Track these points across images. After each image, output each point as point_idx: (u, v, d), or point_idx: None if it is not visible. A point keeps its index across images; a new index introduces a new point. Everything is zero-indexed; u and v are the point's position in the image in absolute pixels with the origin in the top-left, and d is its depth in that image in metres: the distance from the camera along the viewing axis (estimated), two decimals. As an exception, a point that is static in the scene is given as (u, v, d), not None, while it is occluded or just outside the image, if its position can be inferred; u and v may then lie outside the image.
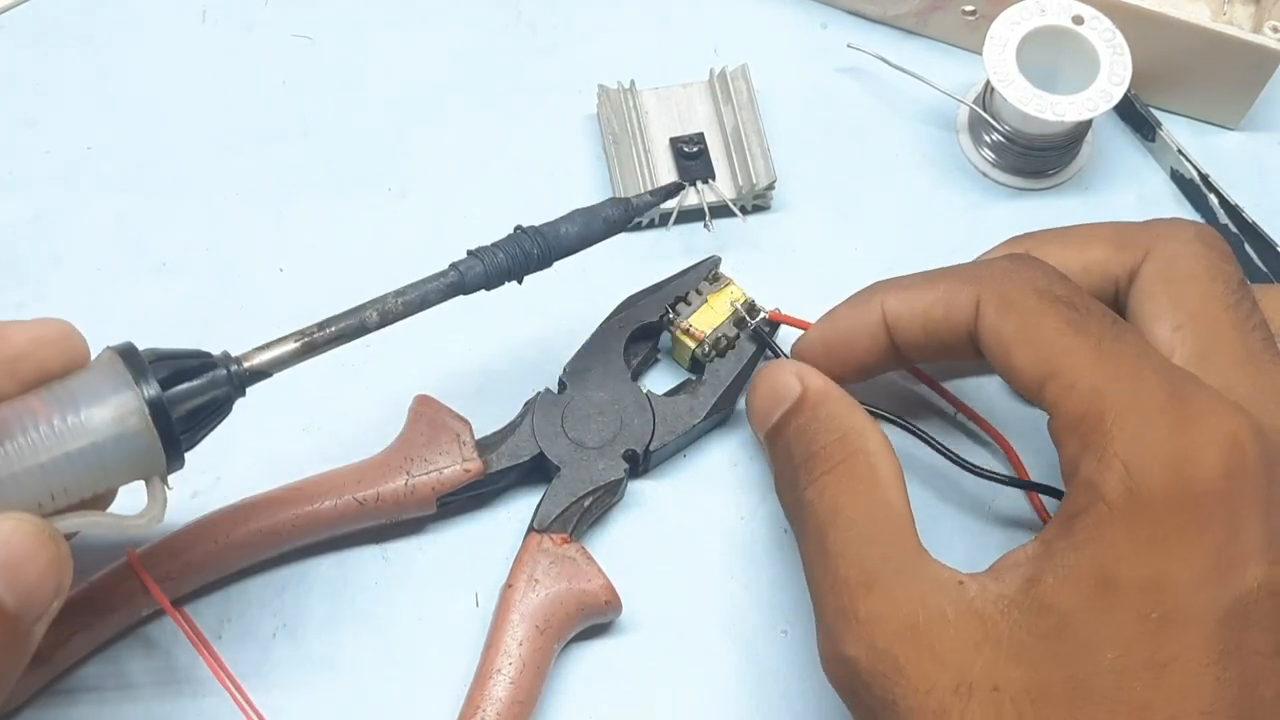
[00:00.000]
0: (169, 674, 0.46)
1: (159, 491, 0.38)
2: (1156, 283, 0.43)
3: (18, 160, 0.55)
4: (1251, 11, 0.57)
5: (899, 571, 0.39)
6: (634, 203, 0.46)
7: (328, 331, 0.42)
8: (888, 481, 0.42)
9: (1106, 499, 0.37)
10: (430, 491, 0.47)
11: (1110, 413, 0.38)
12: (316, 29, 0.58)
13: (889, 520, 0.41)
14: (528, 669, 0.44)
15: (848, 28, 0.59)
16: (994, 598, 0.38)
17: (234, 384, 0.40)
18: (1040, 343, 0.40)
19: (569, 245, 0.45)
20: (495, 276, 0.43)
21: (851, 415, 0.44)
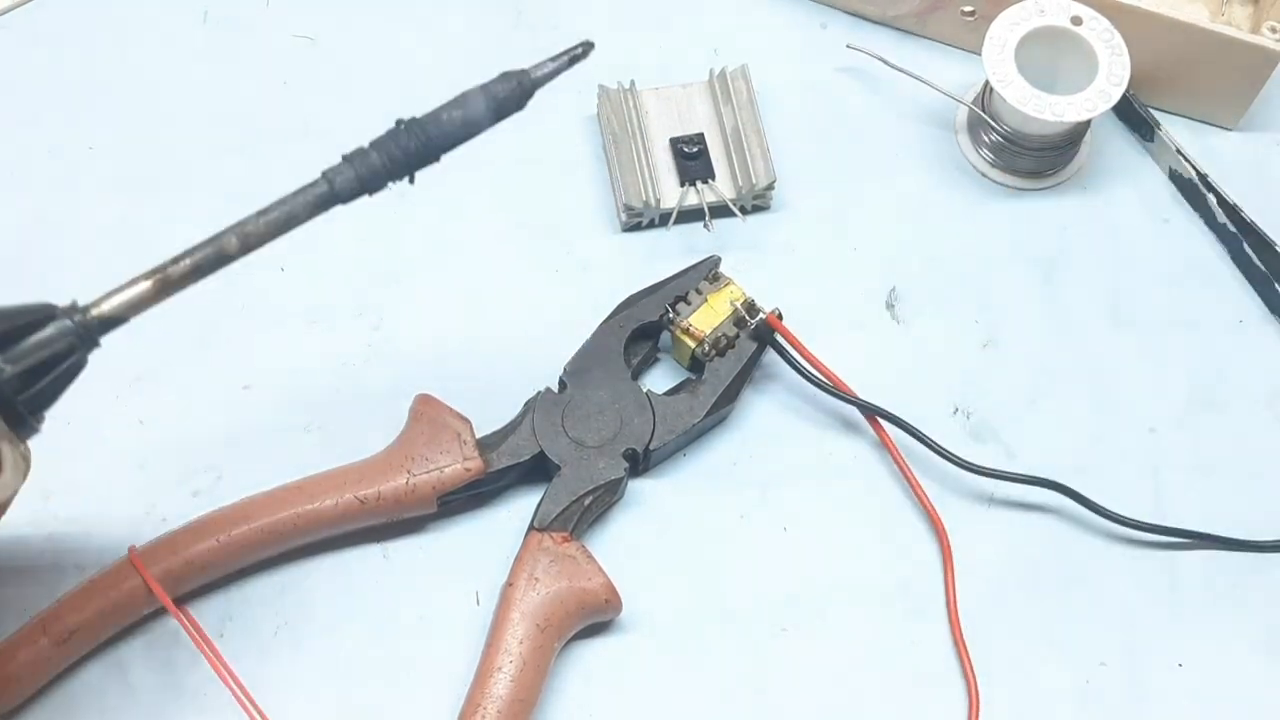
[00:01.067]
0: (170, 672, 0.46)
1: (8, 457, 0.36)
2: None
3: (18, 160, 0.55)
4: (1250, 12, 0.57)
5: None
6: (530, 74, 0.39)
7: (184, 265, 0.38)
8: None
9: None
10: (431, 490, 0.47)
11: None
12: (317, 29, 0.58)
13: None
14: (528, 667, 0.44)
15: (848, 28, 0.59)
16: None
17: (79, 334, 0.37)
18: None
19: (454, 133, 0.39)
20: (371, 180, 0.38)
21: None
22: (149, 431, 0.50)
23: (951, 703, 0.47)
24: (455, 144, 0.39)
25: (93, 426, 0.50)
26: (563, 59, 0.40)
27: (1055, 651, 0.48)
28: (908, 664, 0.48)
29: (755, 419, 0.51)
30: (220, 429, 0.50)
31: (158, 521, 0.48)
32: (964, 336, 0.53)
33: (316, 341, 0.52)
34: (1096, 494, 0.50)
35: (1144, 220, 0.56)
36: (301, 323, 0.53)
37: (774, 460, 0.51)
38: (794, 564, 0.49)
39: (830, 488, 0.50)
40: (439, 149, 0.39)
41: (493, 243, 0.54)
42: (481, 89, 0.39)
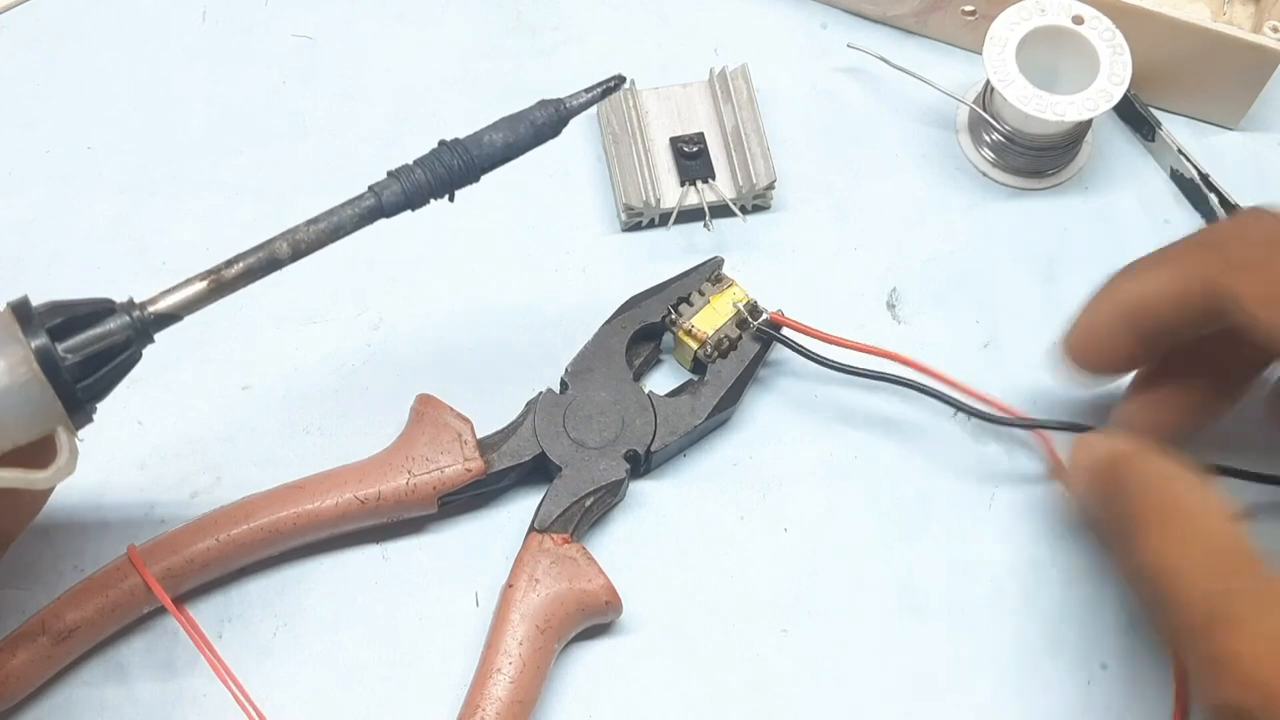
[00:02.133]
0: (169, 672, 0.46)
1: (65, 443, 0.38)
2: None
3: (18, 160, 0.55)
4: (1251, 11, 0.57)
5: (1247, 600, 0.38)
6: (566, 103, 0.42)
7: (236, 268, 0.39)
8: (1214, 517, 0.40)
9: None
10: (432, 490, 0.47)
11: None
12: (316, 29, 0.58)
13: (1227, 555, 0.39)
14: (528, 669, 0.44)
15: (848, 28, 0.59)
16: None
17: (137, 328, 0.38)
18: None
19: (495, 155, 0.41)
20: (416, 196, 0.41)
21: (1163, 467, 0.42)
22: (148, 431, 0.50)
23: (952, 703, 0.47)
24: (495, 165, 0.42)
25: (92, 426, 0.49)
26: (597, 90, 0.43)
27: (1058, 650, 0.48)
28: (908, 664, 0.48)
29: (756, 420, 0.51)
30: (220, 429, 0.50)
31: (157, 522, 0.48)
32: (965, 336, 0.53)
33: (316, 341, 0.52)
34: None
35: (1145, 220, 0.56)
36: (301, 323, 0.53)
37: (774, 461, 0.51)
38: (794, 564, 0.49)
39: (831, 488, 0.50)
40: (480, 169, 0.41)
41: (493, 243, 0.54)
42: (521, 115, 0.42)
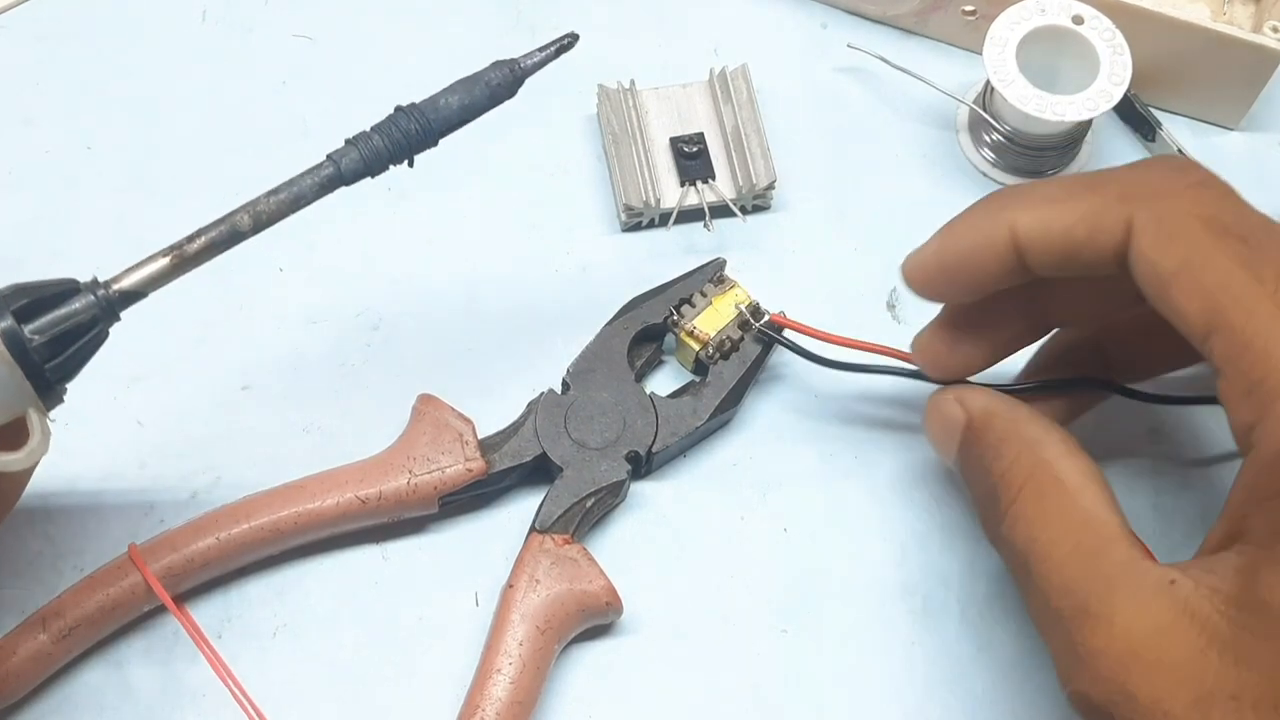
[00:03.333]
0: (169, 671, 0.46)
1: (37, 424, 0.38)
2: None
3: (18, 160, 0.55)
4: (1251, 11, 0.57)
5: (1110, 591, 0.36)
6: (521, 63, 0.42)
7: (199, 242, 0.40)
8: (1078, 489, 0.39)
9: None
10: (433, 490, 0.47)
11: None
12: (316, 29, 0.58)
13: (1089, 534, 0.38)
14: (528, 669, 0.44)
15: (848, 28, 0.59)
16: (1209, 594, 0.35)
17: (103, 307, 0.39)
18: (1207, 286, 0.35)
19: (452, 117, 0.41)
20: (375, 162, 0.41)
21: (1021, 428, 0.41)
22: (148, 432, 0.50)
23: (953, 703, 0.47)
24: (452, 128, 0.42)
25: (92, 427, 0.50)
26: (550, 49, 0.43)
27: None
28: (909, 665, 0.48)
29: (757, 421, 0.51)
30: (220, 429, 0.50)
31: (156, 522, 0.48)
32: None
33: (316, 341, 0.52)
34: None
35: (1145, 220, 0.56)
36: (301, 323, 0.53)
37: (775, 461, 0.51)
38: (794, 564, 0.49)
39: (831, 489, 0.50)
40: (437, 133, 0.41)
41: (492, 242, 0.54)
42: (476, 76, 0.42)
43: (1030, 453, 0.40)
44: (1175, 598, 0.35)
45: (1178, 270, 0.36)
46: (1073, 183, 0.40)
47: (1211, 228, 0.36)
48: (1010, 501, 0.39)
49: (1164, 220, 0.37)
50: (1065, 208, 0.39)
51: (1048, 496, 0.39)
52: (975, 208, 0.42)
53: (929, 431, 0.45)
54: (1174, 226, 0.36)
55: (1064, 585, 0.37)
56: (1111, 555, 0.37)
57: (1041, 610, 0.38)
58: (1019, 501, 0.39)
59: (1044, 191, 0.40)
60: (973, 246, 0.41)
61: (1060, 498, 0.39)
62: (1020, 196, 0.41)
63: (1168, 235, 0.36)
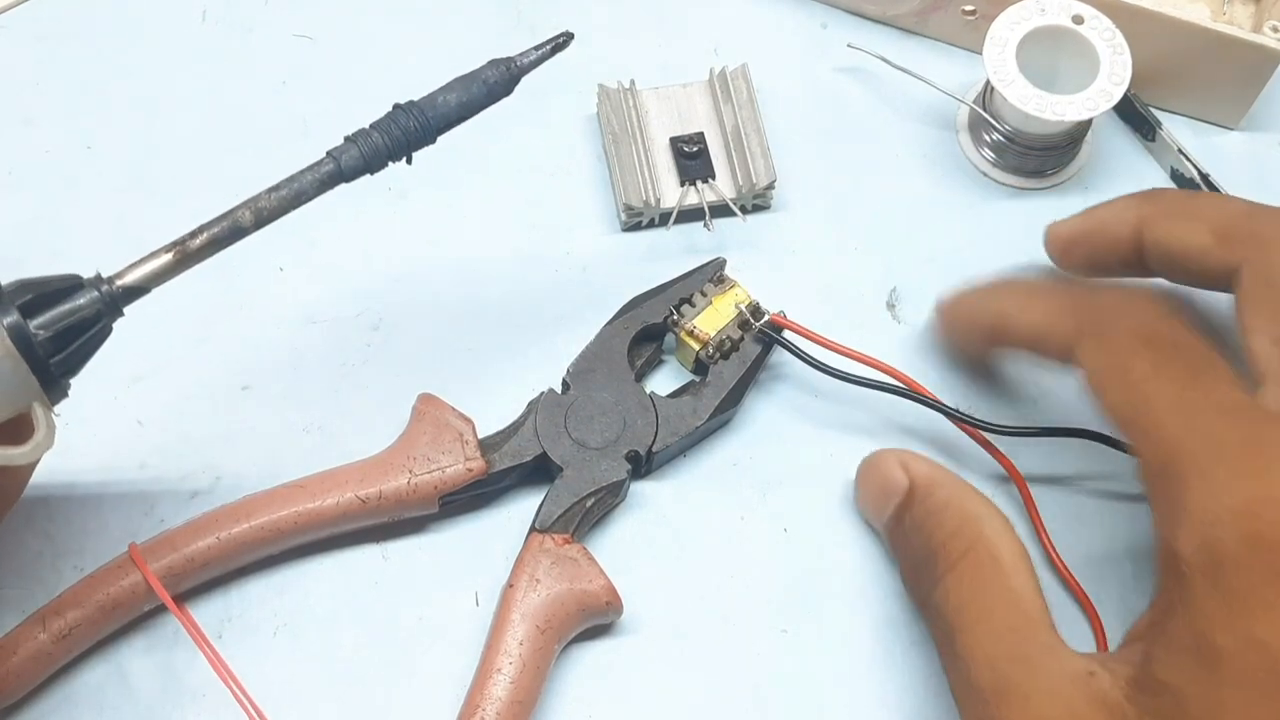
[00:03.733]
0: (169, 671, 0.46)
1: (42, 419, 0.38)
2: (1259, 288, 0.41)
3: (18, 160, 0.55)
4: (1251, 11, 0.57)
5: (1032, 674, 0.38)
6: (517, 61, 0.43)
7: (201, 238, 0.40)
8: (1012, 568, 0.40)
9: (1187, 561, 0.35)
10: (433, 490, 0.47)
11: (1182, 466, 0.36)
12: (316, 29, 0.58)
13: (1017, 615, 0.39)
14: (528, 669, 0.44)
15: (848, 28, 0.59)
16: (1121, 682, 0.36)
17: (106, 302, 0.39)
18: (1127, 386, 0.39)
19: (450, 115, 0.42)
20: (374, 159, 0.42)
21: (965, 501, 0.42)
22: (148, 432, 0.50)
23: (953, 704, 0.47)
24: (450, 126, 0.43)
25: (92, 426, 0.50)
26: (546, 48, 0.44)
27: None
28: (909, 665, 0.48)
29: (756, 420, 0.51)
30: (219, 429, 0.50)
31: (156, 522, 0.48)
32: (965, 337, 0.53)
33: (316, 341, 0.52)
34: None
35: (1145, 220, 0.56)
36: (301, 323, 0.53)
37: (775, 461, 0.51)
38: (794, 564, 0.49)
39: (832, 489, 0.50)
40: (435, 130, 0.42)
41: (493, 242, 0.54)
42: (473, 75, 0.43)
43: (972, 526, 0.42)
44: (1091, 688, 0.37)
45: (1106, 372, 0.41)
46: (1046, 287, 0.47)
47: (1137, 337, 0.40)
48: (947, 569, 0.41)
49: (1103, 331, 0.41)
50: (1031, 305, 0.45)
51: (983, 571, 0.40)
52: (979, 289, 0.49)
53: (861, 488, 0.47)
54: (1109, 337, 0.41)
55: (987, 660, 0.39)
56: (1036, 638, 0.39)
57: (961, 683, 0.39)
58: (955, 571, 0.41)
59: (1023, 286, 0.48)
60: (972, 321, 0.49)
61: (995, 574, 0.40)
62: (1004, 287, 0.48)
63: (1102, 344, 0.41)
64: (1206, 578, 0.35)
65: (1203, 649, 0.35)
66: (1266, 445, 0.36)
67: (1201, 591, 0.35)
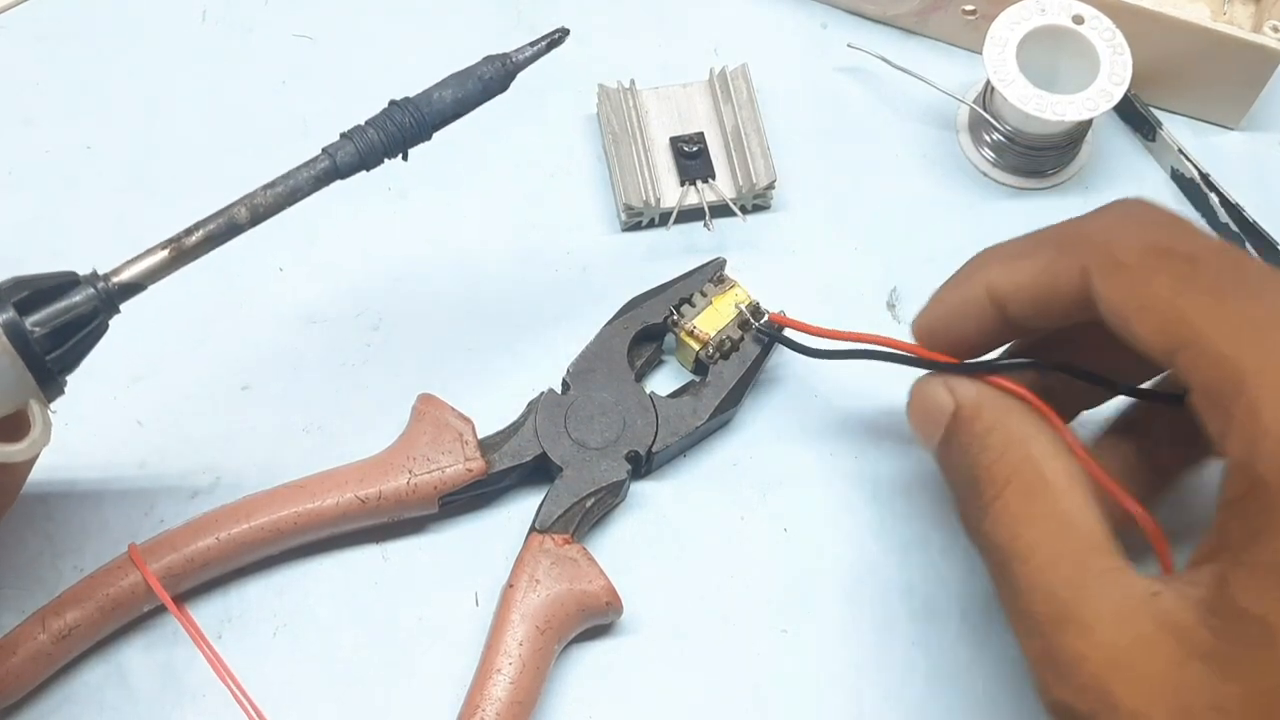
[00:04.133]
0: (169, 671, 0.46)
1: (39, 415, 0.38)
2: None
3: (18, 160, 0.55)
4: (1251, 11, 0.57)
5: (1093, 599, 0.36)
6: (512, 58, 0.43)
7: (197, 235, 0.40)
8: (1062, 490, 0.38)
9: (1267, 482, 0.33)
10: (432, 490, 0.47)
11: (1249, 380, 0.34)
12: (316, 29, 0.58)
13: (1070, 536, 0.37)
14: (528, 669, 0.44)
15: (848, 28, 0.59)
16: (1192, 605, 0.35)
17: (103, 299, 0.39)
18: (1158, 308, 0.36)
19: (445, 111, 0.42)
20: (370, 155, 0.41)
21: (1010, 422, 0.40)
22: (148, 432, 0.50)
23: (953, 704, 0.47)
24: (446, 122, 0.43)
25: (92, 426, 0.50)
26: (541, 44, 0.44)
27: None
28: (909, 666, 0.48)
29: (757, 420, 0.51)
30: (219, 429, 0.50)
31: (156, 522, 0.48)
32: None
33: (316, 341, 0.52)
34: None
35: (1145, 220, 0.56)
36: (301, 323, 0.53)
37: (775, 461, 0.51)
38: (794, 564, 0.49)
39: (831, 489, 0.50)
40: (431, 126, 0.42)
41: (493, 242, 0.54)
42: (469, 71, 0.43)
43: (1018, 448, 0.40)
44: (1158, 609, 0.35)
45: (1129, 300, 0.37)
46: (1038, 236, 0.41)
47: (1152, 253, 0.37)
48: (994, 497, 0.39)
49: (1112, 257, 0.38)
50: (1029, 262, 0.41)
51: (1033, 495, 0.39)
52: (957, 272, 0.44)
53: (912, 417, 0.44)
54: (1120, 260, 0.38)
55: (1045, 590, 0.37)
56: (1094, 563, 0.37)
57: (1020, 614, 0.38)
58: (1003, 497, 0.39)
59: (1011, 248, 0.42)
60: (957, 309, 0.43)
61: (1045, 498, 0.38)
62: (993, 256, 0.42)
63: (1116, 270, 0.38)
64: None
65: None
66: None
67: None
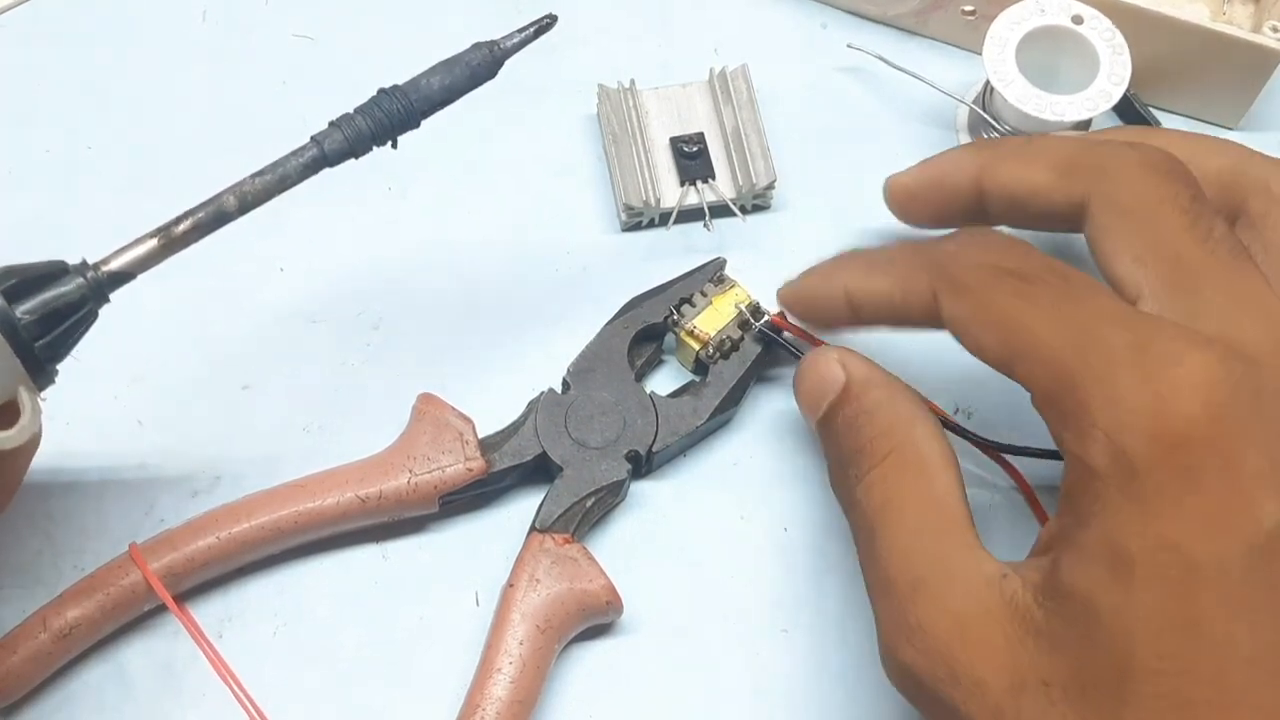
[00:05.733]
0: (169, 671, 0.46)
1: (28, 403, 0.38)
2: (1109, 215, 0.41)
3: (18, 160, 0.55)
4: (1251, 11, 0.57)
5: (948, 571, 0.39)
6: (501, 44, 0.43)
7: (186, 224, 0.41)
8: (937, 472, 0.41)
9: (1096, 471, 0.36)
10: (433, 490, 0.47)
11: (1077, 380, 0.37)
12: (316, 29, 0.58)
13: (938, 515, 0.40)
14: (528, 669, 0.44)
15: (848, 28, 0.59)
16: (1031, 586, 0.37)
17: (92, 288, 0.39)
18: (997, 322, 0.39)
19: (434, 98, 0.42)
20: (359, 143, 0.41)
21: (896, 403, 0.43)
22: (148, 431, 0.50)
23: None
24: (434, 109, 0.42)
25: (92, 426, 0.50)
26: (529, 30, 0.44)
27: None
28: (909, 665, 0.48)
29: (757, 420, 0.51)
30: (219, 429, 0.50)
31: (156, 522, 0.48)
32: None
33: (316, 341, 0.52)
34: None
35: (1145, 220, 0.56)
36: (301, 323, 0.53)
37: (775, 461, 0.51)
38: (794, 564, 0.49)
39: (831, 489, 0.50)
40: (420, 114, 0.42)
41: (493, 242, 0.54)
42: (457, 58, 0.43)
43: (902, 427, 0.42)
44: (1004, 589, 0.37)
45: (972, 316, 0.40)
46: (890, 254, 0.45)
47: (990, 273, 0.40)
48: (872, 466, 0.41)
49: (955, 277, 0.41)
50: (883, 278, 0.44)
51: (908, 470, 0.41)
52: (819, 265, 0.48)
53: (800, 385, 0.46)
54: (963, 280, 0.41)
55: (905, 555, 0.39)
56: (954, 538, 0.39)
57: (878, 578, 0.40)
58: (881, 467, 0.41)
59: (867, 261, 0.46)
60: (818, 299, 0.47)
61: (920, 474, 0.41)
62: (851, 263, 0.46)
63: (960, 290, 0.41)
64: (1118, 485, 0.35)
65: (1114, 555, 0.35)
66: (1158, 343, 0.36)
67: (1114, 500, 0.35)
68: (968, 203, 0.46)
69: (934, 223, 0.48)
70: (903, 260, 0.44)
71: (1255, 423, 0.35)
